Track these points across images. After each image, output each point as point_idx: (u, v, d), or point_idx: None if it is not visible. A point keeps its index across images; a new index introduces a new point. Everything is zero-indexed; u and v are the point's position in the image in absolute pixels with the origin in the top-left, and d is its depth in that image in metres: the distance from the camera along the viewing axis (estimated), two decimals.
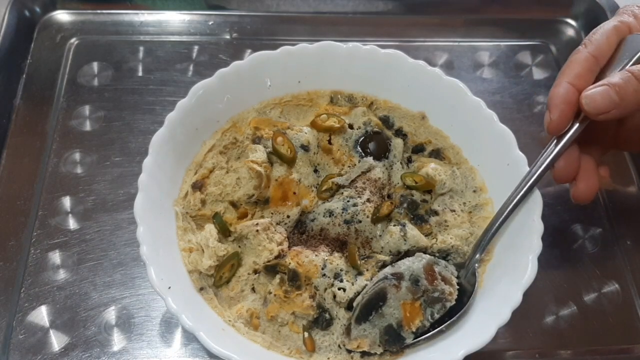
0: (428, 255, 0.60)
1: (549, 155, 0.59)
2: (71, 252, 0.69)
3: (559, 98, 0.57)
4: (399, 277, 0.57)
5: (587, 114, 0.56)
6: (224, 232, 0.62)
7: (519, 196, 0.58)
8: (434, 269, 0.58)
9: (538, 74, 0.88)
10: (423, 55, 0.88)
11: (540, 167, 0.59)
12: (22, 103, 0.81)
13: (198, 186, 0.64)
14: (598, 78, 0.59)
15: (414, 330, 0.56)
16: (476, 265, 0.60)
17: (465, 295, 0.59)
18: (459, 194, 0.66)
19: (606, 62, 0.60)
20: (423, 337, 0.57)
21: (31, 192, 0.73)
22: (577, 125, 0.58)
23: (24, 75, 0.83)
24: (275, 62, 0.68)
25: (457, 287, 0.58)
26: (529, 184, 0.58)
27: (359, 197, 0.63)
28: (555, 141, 0.59)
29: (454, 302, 0.58)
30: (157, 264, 0.55)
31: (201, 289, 0.59)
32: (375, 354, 0.57)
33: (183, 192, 0.64)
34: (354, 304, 0.58)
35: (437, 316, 0.57)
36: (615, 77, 0.56)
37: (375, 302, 0.56)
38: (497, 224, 0.59)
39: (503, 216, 0.59)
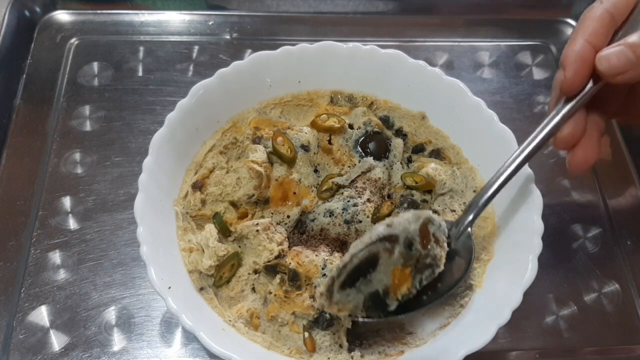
0: (425, 212, 0.56)
1: (557, 115, 0.55)
2: (71, 252, 0.69)
3: (575, 55, 0.53)
4: (393, 239, 0.53)
5: (602, 75, 0.53)
6: (224, 232, 0.62)
7: (525, 153, 0.55)
8: (429, 229, 0.55)
9: (538, 74, 0.88)
10: (423, 55, 0.88)
11: (547, 127, 0.55)
12: (22, 103, 0.81)
13: (198, 186, 0.64)
14: (612, 40, 0.55)
15: (399, 298, 0.54)
16: (469, 229, 0.57)
17: (455, 261, 0.57)
18: (459, 194, 0.66)
19: (623, 22, 0.56)
20: (422, 308, 0.55)
21: (31, 192, 0.73)
22: (589, 87, 0.54)
23: (24, 75, 0.83)
24: (275, 62, 0.68)
25: (447, 248, 0.56)
26: (536, 141, 0.55)
27: (359, 197, 0.63)
28: (562, 103, 0.55)
29: (442, 268, 0.55)
30: (157, 263, 0.55)
31: (201, 289, 0.59)
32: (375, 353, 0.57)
33: (183, 192, 0.64)
34: (340, 264, 0.54)
35: (425, 283, 0.55)
36: (632, 36, 0.52)
37: (365, 268, 0.53)
38: (499, 182, 0.56)
39: (506, 173, 0.55)
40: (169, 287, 0.54)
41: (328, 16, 0.92)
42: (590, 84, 0.54)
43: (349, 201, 0.62)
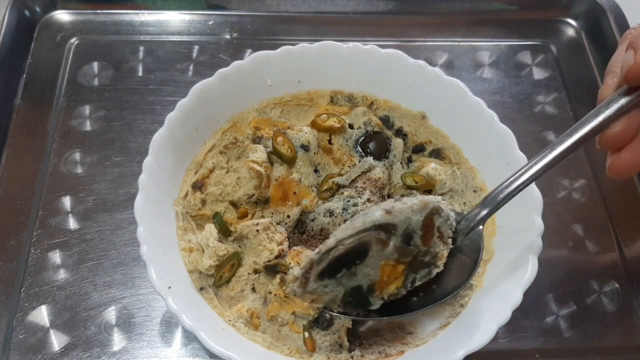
0: (433, 200, 0.48)
1: (611, 107, 0.46)
2: (71, 252, 0.69)
3: None
4: (390, 230, 0.45)
5: None
6: (224, 232, 0.62)
7: (566, 145, 0.47)
8: (434, 221, 0.48)
9: (538, 74, 0.88)
10: (423, 55, 0.88)
11: (596, 118, 0.46)
12: (22, 103, 0.81)
13: (198, 186, 0.64)
14: None
15: (385, 297, 0.49)
16: (481, 227, 0.51)
17: (457, 260, 0.50)
18: (459, 193, 0.66)
19: None
20: (422, 309, 0.48)
21: (31, 192, 0.73)
22: None
23: (24, 75, 0.83)
24: (275, 62, 0.68)
25: (451, 245, 0.50)
26: (581, 133, 0.46)
27: (359, 197, 0.63)
28: (620, 93, 0.46)
29: (441, 269, 0.49)
30: (157, 263, 0.55)
31: (201, 288, 0.59)
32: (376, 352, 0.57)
33: (183, 191, 0.64)
34: (323, 249, 0.47)
35: (418, 283, 0.49)
36: None
37: (351, 258, 0.46)
38: (526, 176, 0.48)
39: (538, 167, 0.48)
40: (169, 287, 0.54)
41: (328, 16, 0.92)
42: None
43: (349, 201, 0.62)
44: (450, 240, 0.50)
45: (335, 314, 0.49)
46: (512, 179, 0.49)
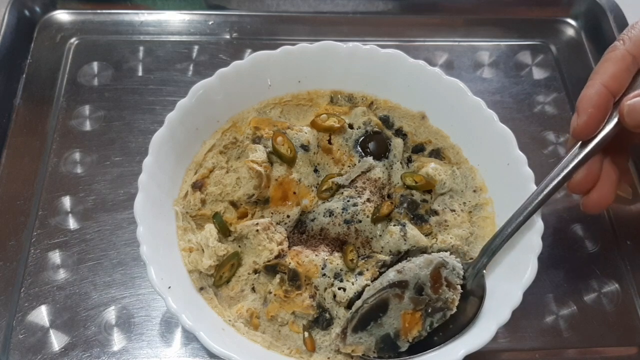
0: (437, 257, 0.58)
1: (572, 161, 0.55)
2: (71, 252, 0.69)
3: (589, 101, 0.53)
4: (403, 285, 0.56)
5: (626, 125, 0.52)
6: (224, 232, 0.62)
7: (537, 200, 0.56)
8: (441, 273, 0.57)
9: (538, 74, 0.88)
10: (423, 55, 0.88)
11: (562, 172, 0.55)
12: (22, 103, 0.81)
13: (198, 186, 0.64)
14: (634, 81, 0.55)
15: (410, 340, 0.56)
16: (484, 271, 0.59)
17: (468, 301, 0.58)
18: (459, 193, 0.66)
19: None
20: (431, 351, 0.56)
21: (31, 192, 0.73)
22: (606, 130, 0.54)
23: (24, 75, 0.83)
24: (275, 61, 0.68)
25: (461, 291, 0.58)
26: (547, 189, 0.55)
27: (359, 197, 0.63)
28: (578, 147, 0.55)
29: (454, 311, 0.57)
30: (157, 263, 0.55)
31: (201, 288, 0.59)
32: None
33: (183, 191, 0.64)
34: (353, 309, 0.56)
35: (435, 325, 0.57)
36: None
37: (375, 313, 0.56)
38: (511, 227, 0.57)
39: (519, 219, 0.56)
40: (169, 287, 0.54)
41: (328, 16, 0.92)
42: (609, 127, 0.54)
43: (348, 201, 0.62)
44: (459, 287, 0.58)
45: (373, 359, 0.56)
46: (502, 231, 0.57)
